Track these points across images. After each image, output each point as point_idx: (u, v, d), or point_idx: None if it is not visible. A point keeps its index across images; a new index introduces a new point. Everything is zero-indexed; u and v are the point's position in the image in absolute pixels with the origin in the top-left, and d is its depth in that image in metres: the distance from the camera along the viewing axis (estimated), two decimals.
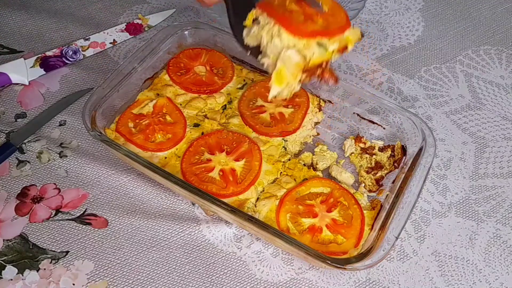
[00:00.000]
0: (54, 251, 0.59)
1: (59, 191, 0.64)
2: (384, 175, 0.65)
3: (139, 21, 0.84)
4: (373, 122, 0.69)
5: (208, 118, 0.68)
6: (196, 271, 0.59)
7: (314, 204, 0.60)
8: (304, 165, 0.65)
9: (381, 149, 0.67)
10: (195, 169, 0.61)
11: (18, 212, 0.62)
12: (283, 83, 0.54)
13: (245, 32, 0.56)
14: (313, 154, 0.67)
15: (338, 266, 0.52)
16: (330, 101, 0.71)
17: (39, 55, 0.76)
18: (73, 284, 0.57)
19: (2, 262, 0.58)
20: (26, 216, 0.61)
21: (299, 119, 0.68)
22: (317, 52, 0.52)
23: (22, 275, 0.57)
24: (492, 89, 0.79)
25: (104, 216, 0.62)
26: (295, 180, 0.62)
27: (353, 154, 0.68)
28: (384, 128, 0.69)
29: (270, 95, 0.55)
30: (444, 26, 0.88)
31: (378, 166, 0.66)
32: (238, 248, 0.60)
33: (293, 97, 0.69)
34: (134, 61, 0.68)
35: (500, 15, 0.90)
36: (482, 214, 0.65)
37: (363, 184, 0.64)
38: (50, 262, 0.58)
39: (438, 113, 0.75)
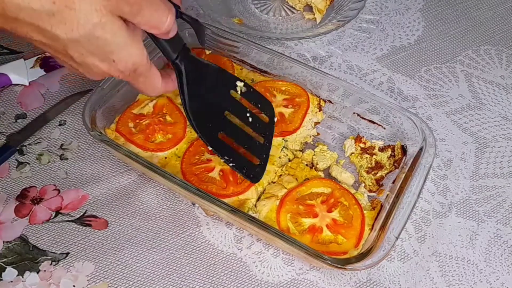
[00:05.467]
0: (54, 252, 0.59)
1: (59, 192, 0.64)
2: (384, 175, 0.65)
3: None
4: (373, 122, 0.69)
5: None
6: (196, 272, 0.59)
7: (315, 204, 0.59)
8: (307, 165, 0.65)
9: (381, 149, 0.67)
10: (195, 169, 0.61)
11: (17, 213, 0.62)
12: None
13: None
14: (314, 154, 0.67)
15: (339, 266, 0.52)
16: (330, 101, 0.71)
17: (39, 56, 0.76)
18: (74, 286, 0.56)
19: (2, 264, 0.58)
20: (26, 217, 0.61)
21: (299, 119, 0.68)
22: None
23: (22, 277, 0.57)
24: (492, 89, 0.79)
25: (104, 217, 0.62)
26: (296, 179, 0.62)
27: (353, 154, 0.68)
28: (384, 128, 0.69)
29: None
30: (444, 26, 0.88)
31: (378, 166, 0.66)
32: (239, 249, 0.60)
33: (293, 97, 0.70)
34: None
35: (500, 15, 0.90)
36: (483, 214, 0.65)
37: (363, 184, 0.64)
38: (50, 264, 0.58)
39: (438, 113, 0.75)
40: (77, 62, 0.46)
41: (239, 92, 0.60)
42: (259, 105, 0.62)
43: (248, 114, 0.60)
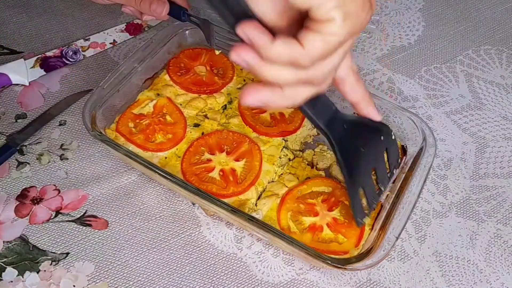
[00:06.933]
0: (54, 252, 0.59)
1: (59, 192, 0.64)
2: None
3: (139, 21, 0.84)
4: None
5: (208, 118, 0.68)
6: (196, 272, 0.59)
7: (316, 202, 0.60)
8: (308, 164, 0.65)
9: None
10: (195, 169, 0.61)
11: (18, 213, 0.62)
12: None
13: None
14: (314, 154, 0.67)
15: (339, 266, 0.52)
16: None
17: (39, 56, 0.76)
18: (74, 286, 0.56)
19: (2, 264, 0.58)
20: (26, 217, 0.61)
21: (300, 119, 0.68)
22: None
23: (23, 277, 0.57)
24: (492, 89, 0.79)
25: (104, 218, 0.62)
26: (298, 178, 0.62)
27: None
28: None
29: None
30: (444, 26, 0.88)
31: None
32: (239, 249, 0.60)
33: None
34: (134, 61, 0.68)
35: (500, 15, 0.90)
36: (483, 214, 0.65)
37: None
38: (51, 264, 0.58)
39: (439, 113, 0.75)
40: None
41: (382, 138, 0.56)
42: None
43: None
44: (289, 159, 0.65)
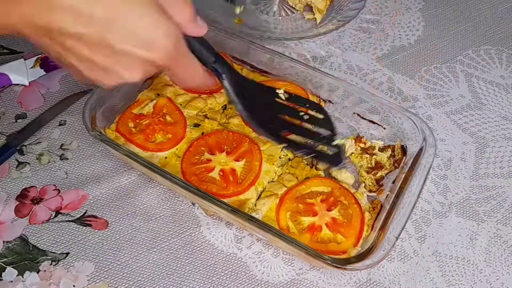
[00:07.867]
0: (54, 252, 0.59)
1: (59, 192, 0.64)
2: (384, 175, 0.65)
3: None
4: (373, 122, 0.69)
5: (208, 118, 0.68)
6: (196, 272, 0.59)
7: (314, 202, 0.60)
8: (307, 164, 0.65)
9: (381, 149, 0.67)
10: (195, 169, 0.61)
11: (17, 213, 0.62)
12: None
13: None
14: None
15: (339, 266, 0.52)
16: (330, 101, 0.71)
17: (39, 56, 0.76)
18: (74, 286, 0.56)
19: (2, 264, 0.58)
20: (26, 217, 0.61)
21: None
22: None
23: (22, 277, 0.57)
24: (492, 89, 0.79)
25: (104, 218, 0.62)
26: (297, 178, 0.62)
27: (353, 154, 0.68)
28: (384, 128, 0.68)
29: None
30: (444, 26, 0.88)
31: (378, 166, 0.66)
32: (239, 249, 0.60)
33: None
34: None
35: (500, 15, 0.90)
36: (483, 214, 0.65)
37: (363, 184, 0.64)
38: (50, 264, 0.58)
39: (439, 113, 0.75)
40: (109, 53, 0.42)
41: (283, 98, 0.62)
42: (307, 105, 0.64)
43: (301, 113, 0.62)
44: (289, 159, 0.65)
